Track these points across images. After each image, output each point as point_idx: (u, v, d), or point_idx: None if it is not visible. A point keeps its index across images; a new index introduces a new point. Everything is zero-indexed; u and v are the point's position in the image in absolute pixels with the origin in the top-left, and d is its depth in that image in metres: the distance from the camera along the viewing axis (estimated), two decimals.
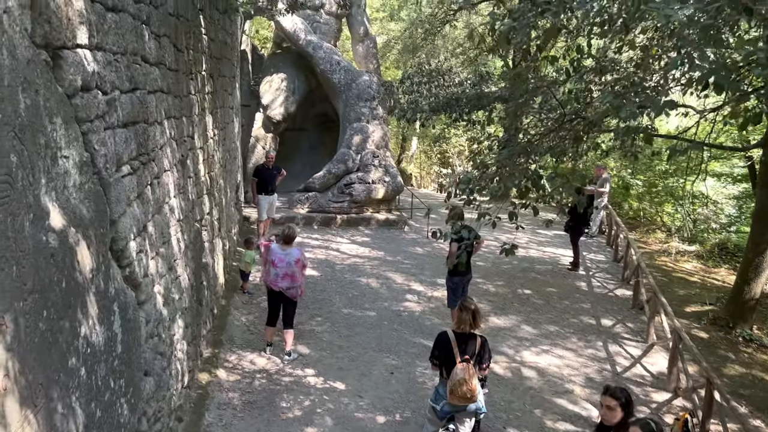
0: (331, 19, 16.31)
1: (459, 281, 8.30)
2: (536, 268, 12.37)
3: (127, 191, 3.90)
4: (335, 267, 11.36)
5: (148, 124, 4.57)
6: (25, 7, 2.48)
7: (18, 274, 2.31)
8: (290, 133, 16.97)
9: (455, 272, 8.18)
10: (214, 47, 8.49)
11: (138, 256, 4.15)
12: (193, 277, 6.42)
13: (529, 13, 3.94)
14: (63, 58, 2.87)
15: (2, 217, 2.20)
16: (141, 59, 4.38)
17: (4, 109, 2.21)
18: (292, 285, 7.21)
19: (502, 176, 5.33)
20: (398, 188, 15.28)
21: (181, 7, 6.06)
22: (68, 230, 2.86)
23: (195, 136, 6.76)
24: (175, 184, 5.58)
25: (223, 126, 9.45)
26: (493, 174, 5.44)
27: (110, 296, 3.51)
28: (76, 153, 3.02)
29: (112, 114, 3.61)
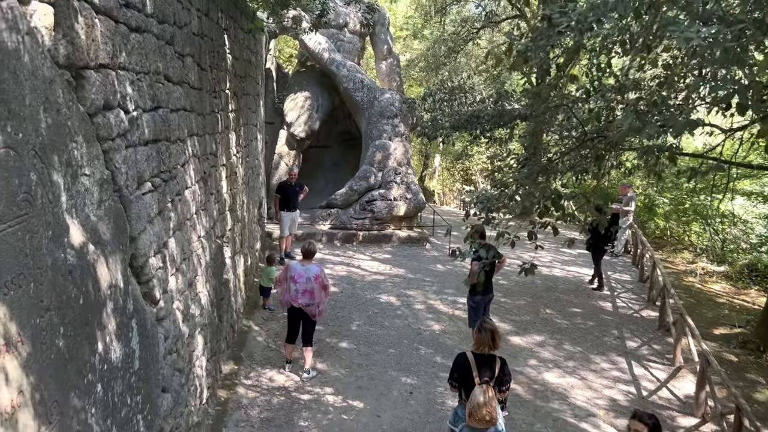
0: (354, 37, 16.47)
1: (480, 300, 8.20)
2: (560, 287, 12.19)
3: (147, 208, 3.94)
4: (356, 284, 11.34)
5: (170, 142, 4.63)
6: (49, 28, 2.53)
7: (35, 291, 2.34)
8: (313, 150, 17.10)
9: (476, 291, 8.08)
10: (238, 66, 8.62)
11: (158, 272, 4.18)
12: (213, 293, 6.45)
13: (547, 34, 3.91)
14: (85, 77, 2.92)
15: (21, 235, 2.23)
16: (164, 78, 4.45)
17: (25, 129, 2.25)
18: (311, 302, 7.19)
19: (522, 195, 5.27)
20: (420, 205, 15.26)
21: (206, 28, 6.17)
22: (87, 247, 2.89)
23: (218, 153, 6.84)
24: (197, 201, 5.64)
25: (246, 143, 9.55)
26: (512, 193, 5.39)
27: (128, 312, 3.53)
28: (97, 171, 3.06)
29: (134, 132, 3.66)
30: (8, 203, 2.13)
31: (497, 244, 6.07)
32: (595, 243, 12.05)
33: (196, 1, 5.68)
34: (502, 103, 7.03)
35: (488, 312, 8.45)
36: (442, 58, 17.73)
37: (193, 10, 5.53)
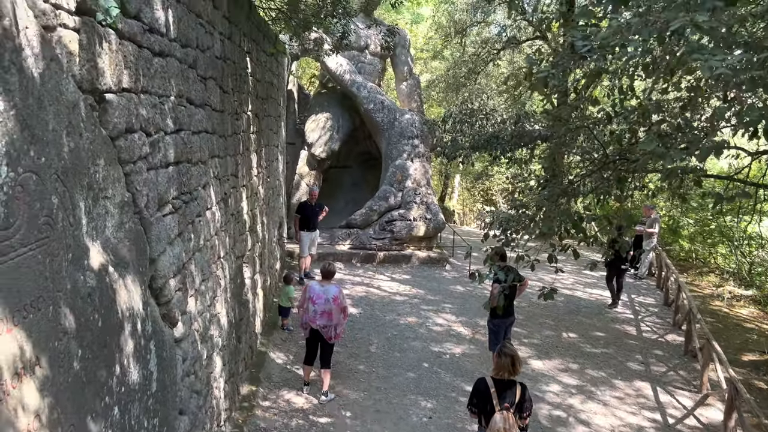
0: (375, 59, 16.61)
1: (500, 323, 8.10)
2: (582, 310, 11.99)
3: (168, 230, 3.96)
4: (374, 305, 11.28)
5: (192, 164, 4.67)
6: (73, 54, 2.58)
7: (54, 314, 2.34)
8: (334, 170, 17.19)
9: (496, 314, 7.98)
10: (260, 88, 8.72)
11: (177, 294, 4.19)
12: (232, 314, 6.45)
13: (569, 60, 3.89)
14: (108, 101, 2.96)
15: (41, 258, 2.24)
16: (186, 101, 4.50)
17: (48, 153, 2.28)
18: (329, 323, 7.16)
19: (542, 217, 5.21)
20: (439, 226, 15.19)
21: (228, 51, 6.26)
22: (107, 270, 2.90)
23: (239, 174, 6.89)
24: (217, 222, 5.67)
25: (267, 164, 9.62)
26: (532, 215, 5.33)
27: (147, 334, 3.54)
28: (118, 194, 3.09)
29: (155, 155, 3.70)
30: (30, 227, 2.15)
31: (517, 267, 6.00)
32: (612, 261, 11.49)
33: (219, 25, 5.77)
34: (522, 124, 7.00)
35: (509, 335, 8.34)
36: (462, 79, 17.79)
37: (216, 34, 5.62)
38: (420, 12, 20.98)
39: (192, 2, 4.70)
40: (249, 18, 7.54)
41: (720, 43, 3.05)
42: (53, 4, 2.37)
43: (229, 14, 6.25)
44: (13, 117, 2.01)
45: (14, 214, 2.04)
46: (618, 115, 5.22)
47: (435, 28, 20.11)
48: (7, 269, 2.00)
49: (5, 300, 1.98)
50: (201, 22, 4.99)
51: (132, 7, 3.27)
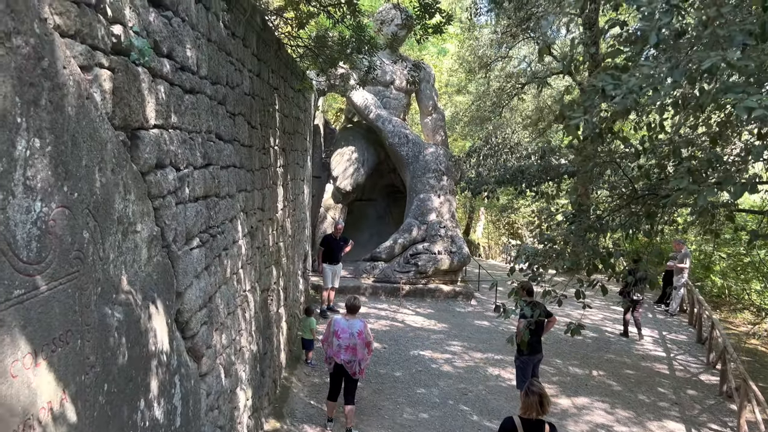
0: (400, 94, 16.81)
1: (528, 360, 7.94)
2: (611, 347, 11.70)
3: (195, 263, 3.99)
4: (399, 340, 11.16)
5: (219, 198, 4.73)
6: (108, 92, 2.65)
7: (82, 348, 2.36)
8: (359, 203, 17.27)
9: (523, 350, 7.82)
10: (287, 123, 8.86)
11: (202, 327, 4.19)
12: (256, 347, 6.44)
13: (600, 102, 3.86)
14: (140, 138, 3.03)
15: (71, 292, 2.27)
16: (215, 136, 4.59)
17: (80, 189, 2.32)
18: (353, 359, 7.09)
19: (570, 252, 5.13)
20: (464, 259, 15.08)
21: (257, 87, 6.39)
22: (134, 304, 2.92)
23: (265, 207, 6.95)
24: (244, 255, 5.70)
25: (293, 197, 9.71)
26: (560, 250, 5.25)
27: (172, 368, 3.54)
28: (147, 228, 3.13)
29: (184, 189, 3.75)
30: (61, 261, 2.18)
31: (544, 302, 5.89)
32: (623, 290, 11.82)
33: (248, 62, 5.90)
34: (548, 159, 6.96)
35: (537, 373, 8.17)
36: (486, 113, 17.87)
37: (245, 72, 5.74)
38: (445, 46, 21.27)
39: (222, 41, 4.83)
40: (277, 55, 7.71)
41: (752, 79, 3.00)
42: (90, 45, 2.45)
43: (258, 52, 6.40)
44: (48, 154, 2.06)
45: (46, 248, 2.08)
46: (647, 151, 5.16)
47: (459, 62, 20.32)
48: (37, 303, 2.02)
49: (34, 334, 2.00)
50: (231, 60, 5.12)
51: (165, 47, 3.37)
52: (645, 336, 12.37)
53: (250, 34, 5.99)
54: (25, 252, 1.95)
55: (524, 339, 6.88)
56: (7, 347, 1.85)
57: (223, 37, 4.85)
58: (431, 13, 7.60)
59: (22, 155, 1.91)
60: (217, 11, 4.65)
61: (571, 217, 5.46)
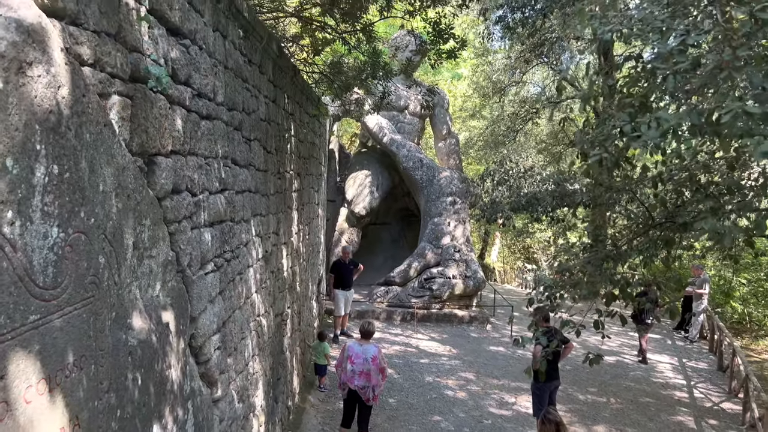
0: (414, 119, 16.91)
1: (544, 388, 7.81)
2: (630, 375, 11.48)
3: (209, 288, 4.00)
4: (413, 366, 11.04)
5: (235, 223, 4.75)
6: (125, 119, 2.69)
7: (95, 373, 2.36)
8: (373, 226, 17.28)
9: (540, 377, 7.69)
10: (302, 148, 8.93)
11: (216, 352, 4.18)
12: (270, 373, 6.40)
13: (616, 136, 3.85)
14: (156, 164, 3.06)
15: (86, 317, 2.28)
16: (231, 162, 4.63)
17: (96, 214, 2.35)
18: (366, 384, 7.02)
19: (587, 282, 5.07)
20: (479, 284, 14.97)
21: (272, 113, 6.46)
22: (149, 328, 2.92)
23: (280, 232, 6.98)
24: (258, 280, 5.71)
25: (308, 221, 9.74)
26: (577, 280, 5.19)
27: (185, 394, 3.52)
28: (162, 253, 3.15)
29: (199, 214, 3.78)
30: (77, 286, 2.20)
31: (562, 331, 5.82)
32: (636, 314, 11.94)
33: (264, 89, 5.98)
34: (563, 185, 6.93)
35: (554, 400, 8.03)
36: (500, 137, 17.91)
37: (261, 98, 5.82)
38: (459, 72, 21.46)
39: (239, 68, 4.90)
40: (293, 81, 7.81)
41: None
42: (109, 73, 2.49)
43: (274, 78, 6.49)
44: (66, 180, 2.08)
45: (62, 273, 2.09)
46: (663, 181, 5.13)
47: (473, 87, 20.44)
48: (53, 329, 2.03)
49: (49, 359, 2.00)
50: (247, 87, 5.19)
51: (182, 74, 3.42)
52: (664, 363, 12.16)
53: (266, 61, 6.08)
54: (42, 277, 1.96)
55: (542, 368, 6.77)
56: (22, 373, 1.86)
57: (239, 65, 4.92)
58: (445, 39, 7.68)
59: (40, 182, 1.94)
60: (234, 39, 4.73)
61: (588, 246, 5.41)
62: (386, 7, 7.31)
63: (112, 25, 2.53)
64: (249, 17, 4.97)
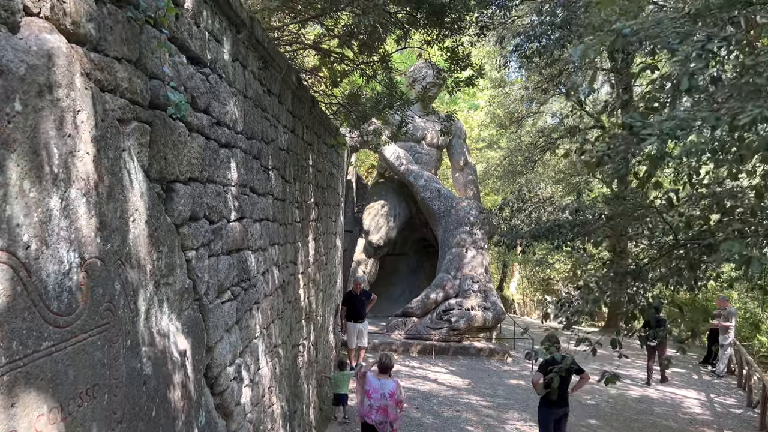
0: (432, 149, 16.96)
1: (549, 414, 7.54)
2: (656, 410, 11.12)
3: (225, 317, 3.95)
4: (432, 400, 10.82)
5: (252, 251, 4.72)
6: (144, 146, 2.69)
7: (109, 402, 2.30)
8: (390, 257, 17.21)
9: (547, 403, 7.53)
10: (320, 178, 8.95)
11: (232, 383, 4.11)
12: (286, 405, 6.29)
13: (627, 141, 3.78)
14: (175, 191, 3.05)
15: (100, 344, 2.23)
16: (249, 190, 4.62)
17: (113, 239, 2.32)
18: (384, 419, 6.86)
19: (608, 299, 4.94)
20: (499, 315, 14.74)
21: (291, 143, 6.49)
22: (164, 358, 2.87)
23: (297, 261, 6.94)
24: (275, 310, 5.65)
25: (325, 251, 9.70)
26: (596, 297, 5.05)
27: (200, 426, 3.44)
28: (179, 280, 3.11)
29: (217, 242, 3.75)
30: (91, 313, 2.16)
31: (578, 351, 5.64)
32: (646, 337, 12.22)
33: (283, 119, 6.02)
34: (583, 213, 6.82)
35: (562, 429, 7.80)
36: (518, 167, 17.85)
37: (280, 127, 5.85)
38: (476, 102, 21.56)
39: (258, 98, 4.93)
40: (311, 112, 7.86)
41: None
42: (129, 99, 2.50)
43: (292, 109, 6.53)
44: (84, 204, 2.07)
45: (77, 300, 2.06)
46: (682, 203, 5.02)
47: (490, 117, 20.48)
48: (66, 356, 1.99)
49: (61, 387, 1.95)
50: (266, 116, 5.21)
51: (202, 102, 3.44)
52: (691, 399, 11.79)
53: (286, 92, 6.13)
54: (56, 303, 1.93)
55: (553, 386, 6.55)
56: (33, 401, 1.81)
57: (259, 94, 4.96)
58: (463, 67, 7.71)
59: (57, 206, 1.92)
60: (254, 69, 4.77)
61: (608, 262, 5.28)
62: (403, 37, 7.37)
63: (133, 52, 2.55)
64: (268, 48, 5.03)
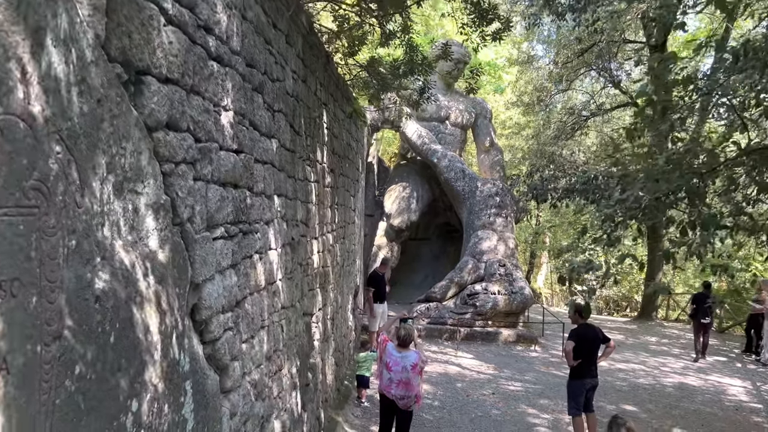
0: (456, 130, 16.33)
1: (580, 385, 7.36)
2: (698, 398, 10.37)
3: (218, 256, 3.46)
4: (456, 383, 10.26)
5: (253, 193, 4.23)
6: (99, 9, 2.19)
7: (39, 308, 1.81)
8: (413, 242, 16.65)
9: (576, 374, 7.31)
10: (337, 144, 8.45)
11: (226, 333, 3.62)
12: (297, 375, 5.80)
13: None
14: (145, 83, 2.56)
15: (23, 231, 1.74)
16: (249, 123, 4.13)
17: (47, 102, 1.83)
18: (407, 394, 6.33)
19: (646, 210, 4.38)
20: (526, 300, 14.07)
21: (302, 93, 5.99)
22: (129, 278, 2.38)
23: (309, 224, 6.45)
24: (283, 267, 5.16)
25: (343, 224, 9.21)
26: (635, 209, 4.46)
27: (182, 372, 2.95)
28: (153, 192, 2.63)
29: (204, 164, 3.26)
30: (8, 184, 1.67)
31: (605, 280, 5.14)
32: (695, 314, 13.18)
33: (291, 62, 5.52)
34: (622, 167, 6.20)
35: (591, 400, 7.49)
36: (547, 146, 17.03)
37: (288, 69, 5.35)
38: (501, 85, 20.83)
39: (261, 26, 4.44)
40: (326, 69, 7.37)
41: None
42: None
43: (303, 56, 6.04)
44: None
45: None
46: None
47: (517, 95, 19.69)
48: None
49: None
50: (270, 50, 4.72)
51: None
52: (736, 387, 11.04)
53: (295, 34, 5.64)
54: None
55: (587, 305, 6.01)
56: None
57: (261, 22, 4.46)
58: (489, 20, 7.12)
59: None
60: None
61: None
62: None
63: None
64: None
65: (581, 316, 7.41)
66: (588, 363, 7.21)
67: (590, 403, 7.48)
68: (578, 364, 7.18)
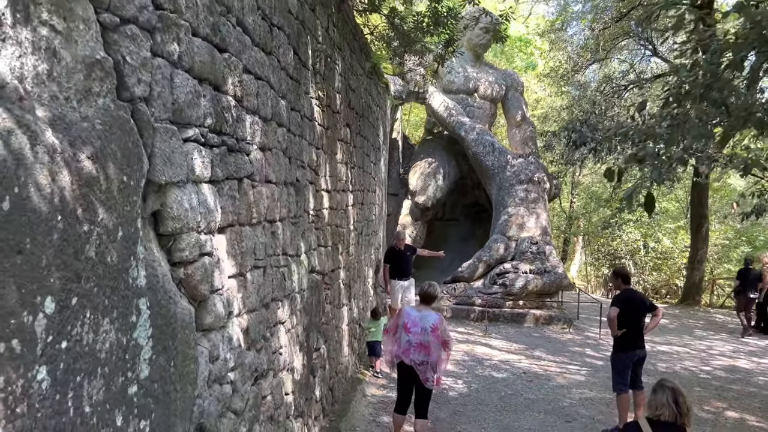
0: (485, 103, 15.56)
1: (626, 358, 6.60)
2: (752, 380, 9.48)
3: (189, 159, 2.87)
4: (484, 363, 9.58)
5: (243, 107, 3.63)
6: None
7: None
8: (439, 222, 15.96)
9: (621, 346, 6.56)
10: (354, 99, 7.84)
11: (203, 258, 3.02)
12: (303, 335, 5.20)
13: None
14: None
15: None
16: (235, 21, 3.52)
17: None
18: (426, 359, 5.67)
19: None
20: (560, 280, 13.27)
21: (309, 21, 5.39)
22: (38, 138, 1.79)
23: (319, 172, 5.84)
24: (283, 207, 4.56)
25: (360, 188, 8.59)
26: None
27: (134, 286, 2.36)
28: (81, 42, 2.03)
29: (169, 41, 2.66)
30: None
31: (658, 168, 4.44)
32: (744, 289, 13.05)
33: None
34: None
35: (639, 375, 6.73)
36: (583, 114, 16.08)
37: None
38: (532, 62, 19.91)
39: None
40: (340, 9, 6.74)
41: None
42: None
43: None
44: None
45: None
46: None
47: (549, 68, 18.73)
48: None
49: None
50: None
51: None
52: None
53: None
54: None
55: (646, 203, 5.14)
56: None
57: None
58: None
59: None
60: None
61: None
62: None
63: None
64: None
65: (624, 281, 6.69)
66: (634, 332, 6.44)
67: (639, 379, 6.70)
68: (623, 333, 6.43)
